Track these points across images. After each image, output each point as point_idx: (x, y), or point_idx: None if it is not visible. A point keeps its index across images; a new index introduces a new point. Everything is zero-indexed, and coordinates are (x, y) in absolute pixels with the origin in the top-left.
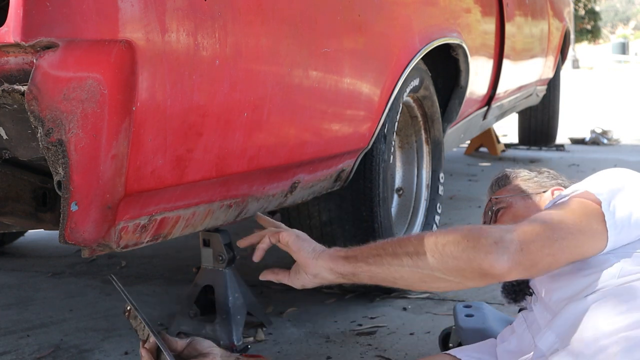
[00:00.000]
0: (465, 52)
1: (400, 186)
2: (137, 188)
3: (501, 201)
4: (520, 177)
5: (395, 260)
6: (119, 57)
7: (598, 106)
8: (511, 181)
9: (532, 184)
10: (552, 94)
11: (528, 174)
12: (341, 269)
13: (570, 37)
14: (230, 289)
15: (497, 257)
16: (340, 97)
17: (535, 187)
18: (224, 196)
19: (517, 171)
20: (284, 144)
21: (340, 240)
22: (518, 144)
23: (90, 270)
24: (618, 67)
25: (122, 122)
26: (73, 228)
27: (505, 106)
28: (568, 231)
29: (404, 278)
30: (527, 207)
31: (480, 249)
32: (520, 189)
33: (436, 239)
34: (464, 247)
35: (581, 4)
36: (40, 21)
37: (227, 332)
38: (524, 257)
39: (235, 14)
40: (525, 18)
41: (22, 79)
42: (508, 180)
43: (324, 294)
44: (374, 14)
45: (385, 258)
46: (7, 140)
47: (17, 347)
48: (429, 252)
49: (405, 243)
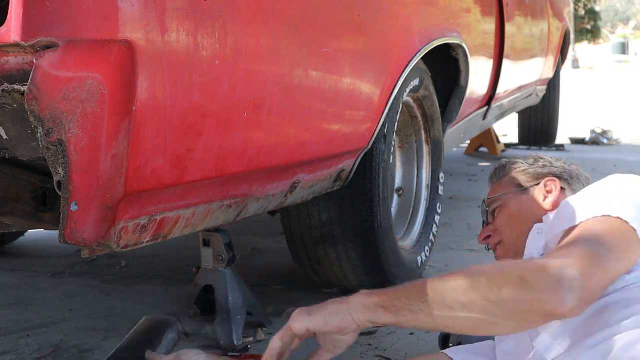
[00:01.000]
0: (465, 52)
1: (400, 186)
2: (137, 188)
3: (495, 200)
4: (514, 169)
5: (445, 309)
6: (119, 57)
7: (598, 106)
8: (507, 174)
9: (525, 177)
10: (552, 94)
11: (522, 164)
12: (382, 319)
13: (570, 37)
14: (230, 289)
15: (562, 298)
16: (340, 97)
17: (529, 180)
18: (224, 196)
19: (513, 162)
20: (284, 144)
21: (340, 240)
22: (518, 144)
23: (90, 270)
24: (618, 67)
25: (122, 122)
26: (73, 228)
27: (505, 106)
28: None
29: (457, 326)
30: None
31: (542, 290)
32: (514, 183)
33: (488, 282)
34: (523, 289)
35: (581, 4)
36: (40, 21)
37: (227, 332)
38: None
39: (235, 14)
40: (525, 18)
41: (22, 79)
42: (504, 172)
43: (324, 294)
44: (374, 14)
45: (433, 306)
46: (7, 140)
47: (17, 347)
48: (483, 298)
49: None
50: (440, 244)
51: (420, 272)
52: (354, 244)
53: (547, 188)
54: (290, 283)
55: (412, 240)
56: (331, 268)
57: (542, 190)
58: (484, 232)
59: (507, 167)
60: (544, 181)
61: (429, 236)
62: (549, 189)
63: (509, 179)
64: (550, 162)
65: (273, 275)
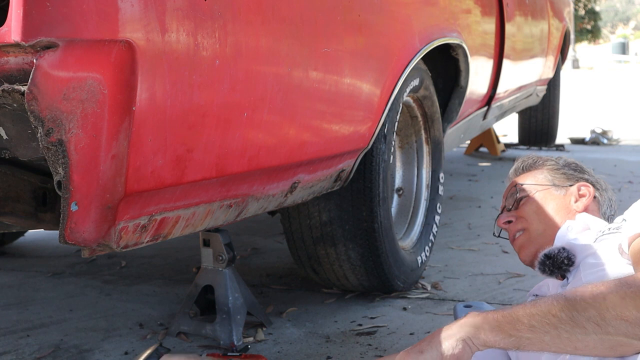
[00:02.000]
0: (465, 52)
1: (400, 186)
2: (137, 188)
3: (525, 189)
4: (547, 166)
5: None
6: (119, 57)
7: (598, 106)
8: (538, 167)
9: (559, 176)
10: (552, 94)
11: (555, 164)
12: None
13: (570, 37)
14: (230, 289)
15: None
16: (340, 97)
17: (562, 180)
18: (224, 196)
19: (544, 158)
20: (284, 144)
21: (340, 240)
22: (518, 144)
23: (90, 270)
24: (618, 67)
25: (122, 122)
26: (73, 228)
27: (505, 106)
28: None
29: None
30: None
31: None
32: (548, 179)
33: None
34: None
35: (581, 4)
36: (40, 21)
37: (227, 332)
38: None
39: (235, 14)
40: (525, 18)
41: (22, 79)
42: (535, 165)
43: (324, 293)
44: (374, 14)
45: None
46: (7, 140)
47: (17, 347)
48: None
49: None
50: (440, 244)
51: (420, 272)
52: (354, 244)
53: (580, 192)
54: (290, 283)
55: (412, 240)
56: (331, 268)
57: (574, 193)
58: (505, 217)
59: (537, 161)
60: (578, 185)
61: (429, 236)
62: (583, 192)
63: (540, 172)
64: (582, 167)
65: (273, 275)
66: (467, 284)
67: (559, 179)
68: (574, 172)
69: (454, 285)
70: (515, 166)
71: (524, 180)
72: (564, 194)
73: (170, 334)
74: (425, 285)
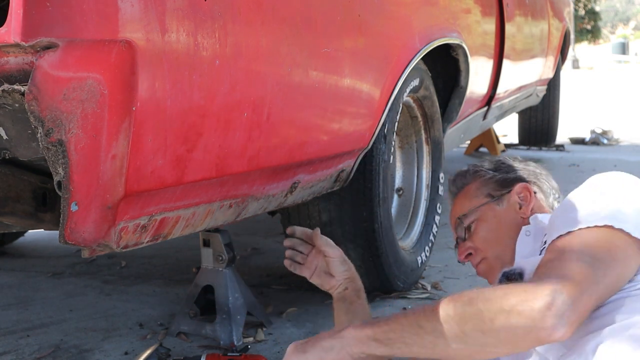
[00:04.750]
0: (465, 52)
1: (400, 186)
2: (137, 188)
3: (469, 215)
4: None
5: (439, 340)
6: (119, 57)
7: (598, 106)
8: (469, 182)
9: (492, 185)
10: (552, 94)
11: (484, 172)
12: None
13: (570, 37)
14: (230, 289)
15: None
16: (340, 97)
17: (497, 189)
18: (224, 196)
19: (472, 170)
20: (284, 144)
21: (340, 240)
22: (518, 144)
23: (90, 270)
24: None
25: (122, 122)
26: (73, 228)
27: (505, 106)
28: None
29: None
30: (499, 216)
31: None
32: (483, 193)
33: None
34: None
35: (581, 4)
36: (40, 21)
37: (227, 332)
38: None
39: (235, 14)
40: (525, 18)
41: (22, 79)
42: (465, 181)
43: (324, 294)
44: (374, 14)
45: (426, 337)
46: (7, 140)
47: (17, 347)
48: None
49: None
50: (440, 244)
51: (420, 272)
52: (354, 244)
53: (520, 196)
54: (290, 283)
55: (412, 240)
56: None
57: (515, 200)
58: (464, 250)
59: (467, 176)
60: (515, 188)
61: (429, 236)
62: (523, 196)
63: (475, 188)
64: (512, 165)
65: (273, 275)
66: (467, 284)
67: (493, 188)
68: (504, 174)
69: (454, 285)
70: (449, 188)
71: (462, 208)
72: (506, 207)
73: (170, 334)
74: (425, 285)
